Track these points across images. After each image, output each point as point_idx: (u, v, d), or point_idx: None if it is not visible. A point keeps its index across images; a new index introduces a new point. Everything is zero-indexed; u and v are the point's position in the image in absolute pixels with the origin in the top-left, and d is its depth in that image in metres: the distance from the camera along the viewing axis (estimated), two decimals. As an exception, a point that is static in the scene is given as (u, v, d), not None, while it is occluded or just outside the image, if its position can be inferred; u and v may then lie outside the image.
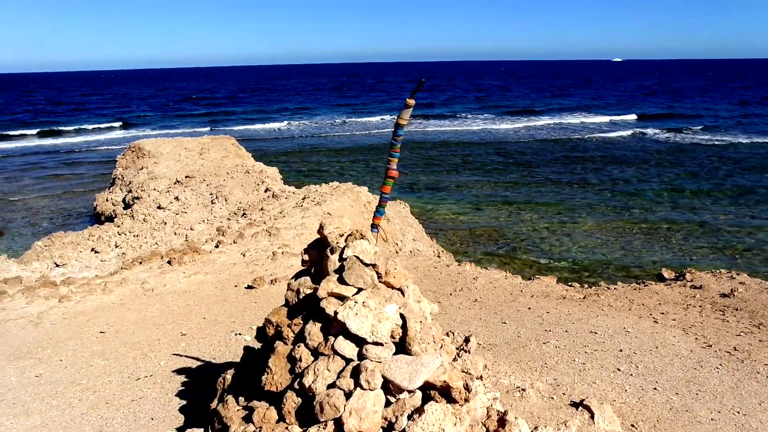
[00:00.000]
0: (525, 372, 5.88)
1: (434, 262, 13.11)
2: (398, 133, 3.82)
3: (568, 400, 5.17)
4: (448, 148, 44.90)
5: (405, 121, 3.79)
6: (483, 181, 32.41)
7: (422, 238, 19.37)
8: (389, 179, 3.95)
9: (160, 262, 13.07)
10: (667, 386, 5.91)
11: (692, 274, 13.02)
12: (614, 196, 28.63)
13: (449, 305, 9.62)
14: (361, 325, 3.37)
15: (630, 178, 32.45)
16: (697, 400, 5.65)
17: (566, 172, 34.36)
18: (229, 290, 10.98)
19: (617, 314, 9.13)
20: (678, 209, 25.57)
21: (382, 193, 4.06)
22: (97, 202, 23.32)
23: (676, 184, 30.75)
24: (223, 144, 25.58)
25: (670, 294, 11.09)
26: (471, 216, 24.64)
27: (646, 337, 7.68)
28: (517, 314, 8.79)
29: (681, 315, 9.40)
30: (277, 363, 3.65)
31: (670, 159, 38.52)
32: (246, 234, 15.08)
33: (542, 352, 6.65)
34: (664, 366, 6.50)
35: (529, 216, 24.55)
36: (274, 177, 22.01)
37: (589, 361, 6.41)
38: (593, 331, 7.75)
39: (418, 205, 25.63)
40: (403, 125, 3.80)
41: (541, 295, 10.52)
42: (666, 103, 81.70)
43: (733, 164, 36.30)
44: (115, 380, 6.38)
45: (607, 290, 11.47)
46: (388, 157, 3.90)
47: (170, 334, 8.40)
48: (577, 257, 19.50)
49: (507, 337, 7.30)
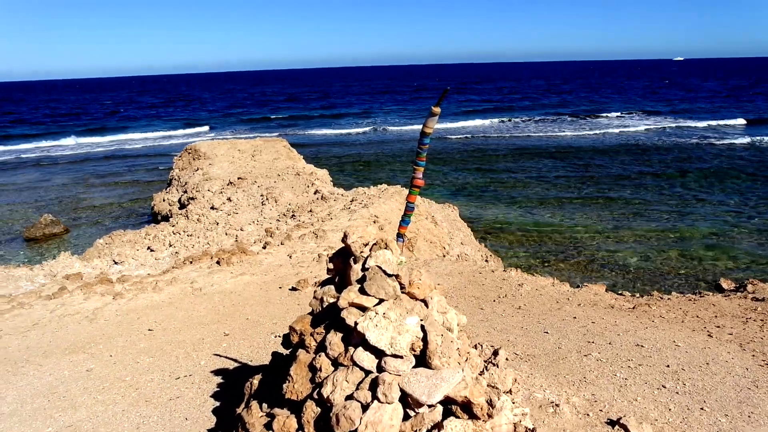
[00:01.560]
0: (562, 386, 5.68)
1: (480, 267, 12.91)
2: (424, 141, 3.77)
3: (605, 417, 4.96)
4: (521, 153, 44.30)
5: (431, 130, 3.74)
6: (532, 182, 31.76)
7: (471, 242, 19.14)
8: (415, 188, 3.90)
9: (209, 262, 13.45)
10: (716, 407, 5.58)
11: (754, 285, 12.31)
12: (670, 197, 27.47)
13: (492, 312, 9.45)
14: (381, 336, 3.33)
15: (687, 183, 31.01)
16: (749, 423, 5.31)
17: (624, 176, 33.20)
18: (273, 292, 11.17)
19: (668, 326, 8.72)
20: (739, 216, 24.24)
21: (408, 203, 4.02)
22: (155, 201, 24.26)
23: (732, 187, 29.18)
24: (275, 146, 26.09)
25: (728, 306, 10.50)
26: (522, 220, 24.16)
27: (697, 352, 7.29)
28: (561, 323, 8.53)
29: (739, 329, 8.88)
30: (298, 371, 3.67)
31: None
32: (293, 235, 15.31)
33: (582, 365, 6.42)
34: (715, 384, 6.14)
35: (582, 221, 23.84)
36: (323, 179, 22.27)
37: (632, 377, 6.13)
38: (639, 344, 7.42)
39: (468, 209, 25.35)
40: (428, 134, 3.74)
41: (588, 304, 10.17)
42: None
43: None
44: (157, 378, 6.59)
45: (660, 300, 10.97)
46: (414, 166, 3.85)
47: (214, 334, 8.62)
48: (631, 265, 18.78)
49: (547, 347, 7.09)
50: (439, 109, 3.70)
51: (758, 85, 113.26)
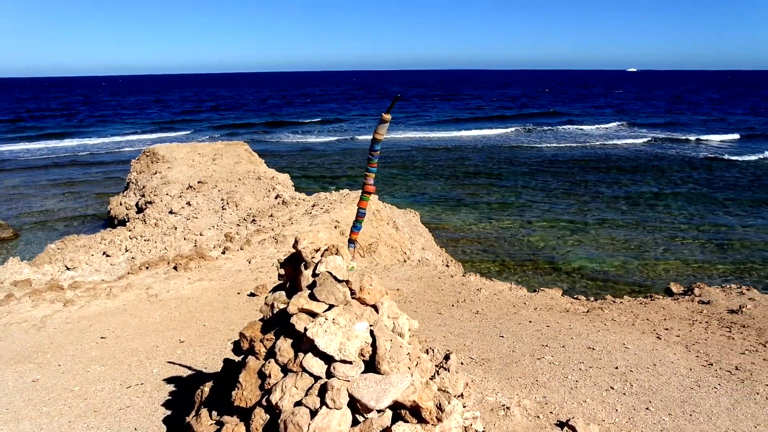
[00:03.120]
0: (514, 389, 5.79)
1: (439, 272, 13.02)
2: (375, 148, 3.81)
3: (554, 419, 5.08)
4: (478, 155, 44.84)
5: (381, 136, 3.77)
6: (494, 188, 32.25)
7: (432, 248, 19.29)
8: (366, 194, 3.93)
9: (166, 268, 13.19)
10: (661, 406, 5.77)
11: (701, 289, 12.77)
12: (625, 204, 28.32)
13: (450, 317, 9.55)
14: (330, 342, 3.34)
15: (647, 190, 32.02)
16: (691, 421, 5.51)
17: (580, 183, 34.02)
18: (231, 297, 11.03)
19: (619, 329, 8.98)
20: (692, 221, 25.16)
21: (359, 208, 4.04)
22: (111, 205, 23.65)
23: (690, 195, 30.29)
24: (236, 150, 25.79)
25: (676, 309, 10.89)
26: (483, 226, 24.49)
27: (645, 354, 7.53)
28: (517, 327, 8.68)
29: (685, 331, 9.21)
30: (247, 378, 3.64)
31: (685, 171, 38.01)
32: (253, 241, 15.15)
33: (535, 368, 6.55)
34: (660, 385, 6.36)
35: (542, 227, 24.32)
36: (285, 183, 22.12)
37: (583, 379, 6.29)
38: (591, 347, 7.62)
39: (429, 214, 25.55)
40: (379, 140, 3.78)
41: (544, 308, 10.38)
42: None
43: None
44: (107, 387, 6.42)
45: (613, 304, 11.28)
46: (365, 173, 3.88)
47: (169, 341, 8.45)
48: (586, 269, 19.26)
49: (502, 351, 7.21)
50: (390, 116, 3.75)
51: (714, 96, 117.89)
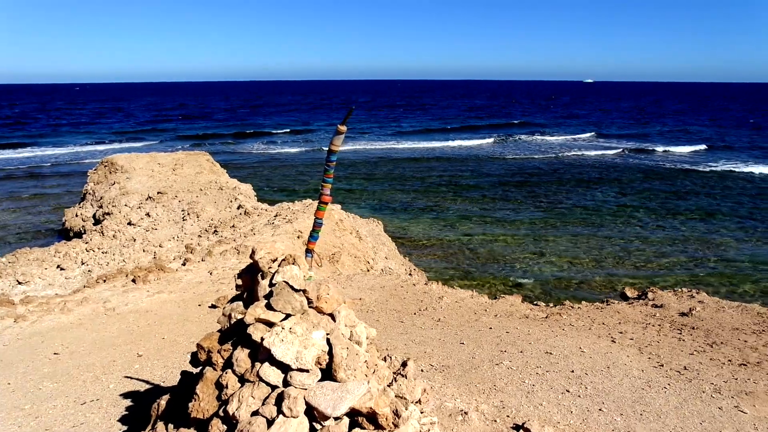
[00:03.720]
0: (472, 394, 5.90)
1: (402, 281, 13.12)
2: (331, 159, 3.87)
3: (511, 423, 5.20)
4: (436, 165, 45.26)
5: (337, 148, 3.84)
6: (458, 197, 32.66)
7: (395, 257, 19.40)
8: (323, 204, 3.98)
9: (124, 281, 12.91)
10: (613, 407, 5.97)
11: (654, 293, 13.22)
12: (582, 211, 29.07)
13: (411, 325, 9.64)
14: (287, 351, 3.37)
15: (604, 197, 32.93)
16: (641, 420, 5.72)
17: (541, 191, 34.74)
18: (192, 310, 10.88)
19: (576, 334, 9.22)
20: (650, 228, 25.99)
21: (316, 219, 4.09)
22: (67, 217, 23.00)
23: (650, 204, 31.29)
24: (197, 160, 25.45)
25: (631, 313, 11.24)
26: (446, 234, 24.76)
27: (600, 357, 7.77)
28: (477, 334, 8.83)
29: (639, 334, 9.52)
30: (204, 389, 3.63)
31: (645, 179, 39.27)
32: (214, 252, 14.97)
33: (494, 373, 6.69)
34: (614, 387, 6.57)
35: (503, 234, 24.74)
36: (247, 194, 21.93)
37: (539, 383, 6.45)
38: (549, 352, 7.82)
39: (393, 224, 25.70)
40: (335, 151, 3.85)
41: (504, 315, 10.58)
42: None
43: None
44: (60, 404, 6.26)
45: (571, 309, 11.57)
46: (322, 183, 3.94)
47: (126, 356, 8.28)
48: (546, 276, 19.67)
49: (462, 358, 7.32)
50: (345, 128, 3.82)
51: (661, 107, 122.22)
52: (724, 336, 9.69)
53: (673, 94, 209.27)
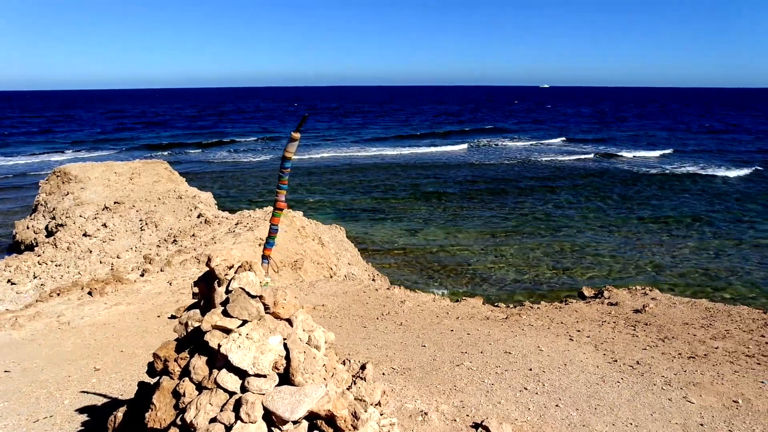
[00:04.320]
0: (433, 395, 5.99)
1: (364, 286, 13.17)
2: (285, 165, 3.91)
3: (470, 421, 5.31)
4: (390, 172, 45.46)
5: (291, 154, 3.89)
6: (420, 203, 32.93)
7: (358, 262, 19.43)
8: (278, 210, 4.02)
9: (79, 293, 12.57)
10: (569, 402, 6.15)
11: (610, 291, 13.64)
12: (541, 214, 29.70)
13: (374, 329, 9.70)
14: (244, 357, 3.38)
15: (565, 201, 33.71)
16: (595, 414, 5.91)
17: (504, 196, 35.33)
18: (151, 321, 10.68)
19: (535, 333, 9.44)
20: (610, 230, 26.74)
21: (271, 225, 4.12)
22: (17, 230, 22.22)
23: (609, 206, 32.18)
24: (155, 168, 24.97)
25: (588, 311, 11.57)
26: (408, 239, 24.94)
27: (558, 355, 7.98)
28: (439, 337, 8.95)
29: (595, 332, 9.81)
30: (161, 399, 3.60)
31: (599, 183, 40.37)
32: (174, 261, 14.73)
33: (454, 374, 6.80)
34: (570, 383, 6.77)
35: (465, 239, 25.06)
36: (207, 202, 21.63)
37: (498, 382, 6.60)
38: (508, 351, 7.99)
39: (355, 229, 25.73)
40: (289, 158, 3.89)
41: (465, 317, 10.74)
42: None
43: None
44: (11, 423, 6.07)
45: (530, 310, 11.83)
46: (276, 189, 3.98)
47: (83, 370, 8.07)
48: (508, 278, 20.02)
49: (423, 360, 7.42)
50: (299, 135, 3.87)
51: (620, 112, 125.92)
52: (674, 331, 10.08)
53: (628, 98, 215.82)
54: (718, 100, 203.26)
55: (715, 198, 33.95)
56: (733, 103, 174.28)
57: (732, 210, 30.59)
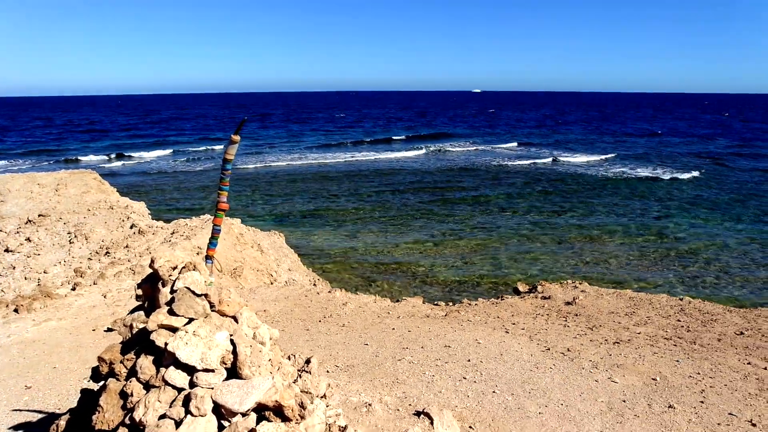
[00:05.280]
0: (376, 388, 6.20)
1: (306, 290, 13.23)
2: (226, 167, 4.02)
3: (412, 410, 5.55)
4: (328, 178, 45.45)
5: (231, 156, 4.00)
6: (360, 208, 33.15)
7: (298, 268, 19.41)
8: (220, 211, 4.11)
9: (4, 311, 11.98)
10: (505, 388, 6.51)
11: (543, 286, 14.31)
12: (477, 213, 30.60)
13: (317, 332, 9.80)
14: (191, 353, 3.46)
15: (496, 200, 34.82)
16: (529, 397, 6.29)
17: (442, 200, 36.09)
18: (86, 335, 10.35)
19: (474, 328, 9.83)
20: (538, 227, 27.87)
21: (214, 226, 4.21)
22: (-69, 248, 20.78)
23: (537, 204, 33.51)
24: (83, 179, 23.99)
25: (523, 306, 12.11)
26: (348, 243, 25.09)
27: (495, 346, 8.38)
28: (381, 335, 9.17)
29: (530, 324, 10.32)
30: (108, 400, 3.62)
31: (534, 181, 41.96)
32: (108, 274, 14.27)
33: (396, 368, 7.04)
34: (506, 371, 7.14)
35: (405, 241, 25.47)
36: (141, 212, 21.00)
37: (439, 373, 6.88)
38: (448, 345, 8.31)
39: (295, 235, 25.65)
40: (230, 160, 4.00)
41: (406, 316, 11.02)
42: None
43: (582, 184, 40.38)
44: (-61, 446, 5.81)
45: (469, 306, 12.26)
46: (218, 191, 4.08)
47: (12, 390, 7.75)
48: (447, 278, 20.54)
49: (365, 357, 7.61)
50: (239, 138, 3.99)
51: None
52: (602, 319, 10.75)
53: (565, 103, 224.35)
54: (664, 103, 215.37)
55: (645, 198, 35.97)
56: (674, 108, 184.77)
57: (655, 209, 32.52)
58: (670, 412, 6.09)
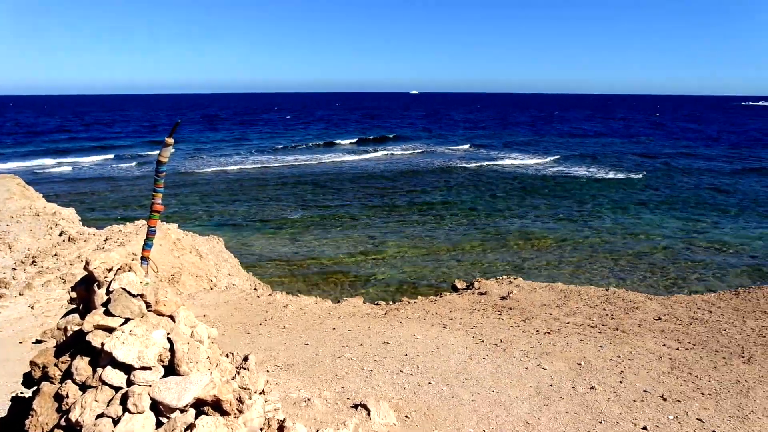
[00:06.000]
0: (315, 384, 6.35)
1: (246, 294, 13.18)
2: (160, 170, 4.08)
3: (350, 403, 5.74)
4: (268, 180, 44.97)
5: (165, 159, 4.06)
6: (303, 212, 33.05)
7: (239, 273, 19.20)
8: (155, 213, 4.16)
9: None
10: (440, 379, 6.80)
11: (479, 282, 14.81)
12: (419, 214, 31.17)
13: (257, 334, 9.82)
14: (128, 352, 3.51)
15: (435, 201, 35.50)
16: (463, 386, 6.61)
17: (377, 198, 36.44)
18: (12, 348, 9.95)
19: (412, 324, 10.12)
20: (479, 227, 28.67)
21: (149, 227, 4.26)
22: None
23: (480, 205, 34.41)
24: (4, 184, 22.81)
25: (460, 302, 12.52)
26: (289, 247, 25.00)
27: (431, 341, 8.68)
28: (321, 335, 9.31)
29: (466, 319, 10.71)
30: (42, 404, 3.61)
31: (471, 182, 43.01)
32: (35, 284, 13.71)
33: (335, 365, 7.21)
34: (441, 363, 7.45)
35: (346, 243, 25.62)
36: (70, 219, 20.21)
37: (377, 368, 7.10)
38: (386, 342, 8.55)
39: (236, 240, 25.31)
40: (164, 162, 4.06)
41: (347, 316, 11.19)
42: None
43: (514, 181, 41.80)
44: None
45: (408, 304, 12.57)
46: (153, 192, 4.13)
47: (-70, 407, 7.40)
48: (389, 278, 20.85)
49: (306, 356, 7.74)
50: (172, 140, 4.05)
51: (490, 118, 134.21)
52: (534, 312, 11.28)
53: (510, 104, 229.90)
54: (605, 104, 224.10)
55: (581, 196, 37.51)
56: (613, 108, 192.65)
57: (589, 207, 34.03)
58: (592, 393, 6.55)
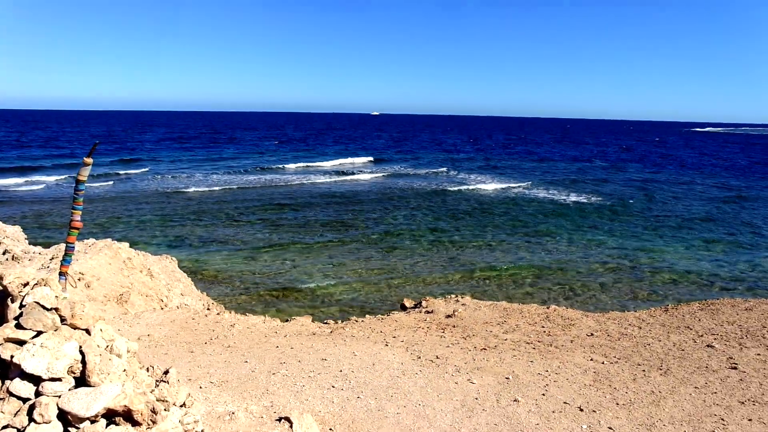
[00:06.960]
0: (245, 399, 6.48)
1: (194, 313, 13.16)
2: (79, 188, 4.25)
3: (276, 417, 5.89)
4: (224, 199, 44.70)
5: (84, 178, 4.24)
6: (259, 231, 32.97)
7: (191, 293, 19.06)
8: (73, 230, 4.32)
9: None
10: (370, 394, 7.02)
11: (427, 301, 15.12)
12: (378, 235, 31.45)
13: (201, 353, 9.85)
14: (37, 364, 3.64)
15: (396, 222, 35.89)
16: (390, 400, 6.83)
17: (338, 218, 36.64)
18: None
19: (355, 342, 10.31)
20: (436, 248, 29.11)
21: (67, 243, 4.40)
22: None
23: (429, 223, 34.92)
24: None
25: (406, 320, 12.78)
26: (244, 266, 24.92)
27: (369, 357, 8.89)
28: (263, 353, 9.41)
29: (409, 336, 10.96)
30: (-50, 415, 3.68)
31: (428, 202, 43.64)
32: (-25, 304, 13.38)
33: (269, 381, 7.35)
34: (374, 378, 7.66)
35: (302, 262, 25.68)
36: (15, 237, 19.75)
37: (309, 384, 7.28)
38: (324, 359, 8.72)
39: (190, 259, 25.09)
40: (82, 181, 4.24)
41: (293, 334, 11.32)
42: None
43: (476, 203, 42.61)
44: None
45: (355, 323, 12.77)
46: (72, 210, 4.29)
47: None
48: (342, 297, 21.00)
49: (242, 373, 7.86)
50: (91, 160, 4.24)
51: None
52: (476, 329, 11.62)
53: (480, 128, 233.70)
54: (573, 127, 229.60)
55: (529, 215, 38.48)
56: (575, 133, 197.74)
57: (543, 227, 34.92)
58: (514, 405, 6.85)
